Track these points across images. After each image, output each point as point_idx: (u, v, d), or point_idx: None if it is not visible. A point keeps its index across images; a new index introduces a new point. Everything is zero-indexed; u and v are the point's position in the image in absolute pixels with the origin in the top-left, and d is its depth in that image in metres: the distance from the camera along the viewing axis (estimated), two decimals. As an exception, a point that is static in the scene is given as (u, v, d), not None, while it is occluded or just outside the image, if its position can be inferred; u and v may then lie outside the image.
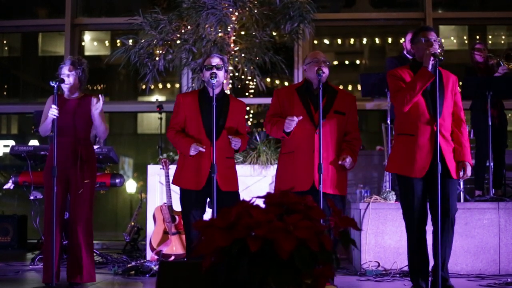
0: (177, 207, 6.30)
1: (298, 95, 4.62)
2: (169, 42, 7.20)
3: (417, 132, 4.31)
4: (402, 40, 6.85)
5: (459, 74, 4.61)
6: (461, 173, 4.37)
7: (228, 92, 6.86)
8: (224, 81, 4.91)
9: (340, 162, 4.48)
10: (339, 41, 10.12)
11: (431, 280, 4.35)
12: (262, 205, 2.04)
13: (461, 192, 6.60)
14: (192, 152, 4.64)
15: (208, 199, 4.72)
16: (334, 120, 4.55)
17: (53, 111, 4.68)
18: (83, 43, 9.83)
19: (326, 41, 9.92)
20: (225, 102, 4.80)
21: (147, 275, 5.50)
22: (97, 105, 4.80)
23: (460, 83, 4.56)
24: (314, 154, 4.45)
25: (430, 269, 4.45)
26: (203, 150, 4.62)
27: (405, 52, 6.64)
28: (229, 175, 4.76)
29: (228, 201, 4.61)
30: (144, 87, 7.40)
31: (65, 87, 4.90)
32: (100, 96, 4.81)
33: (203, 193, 4.68)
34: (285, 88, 5.04)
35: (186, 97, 4.91)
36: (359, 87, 6.94)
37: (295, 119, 4.41)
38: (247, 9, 7.09)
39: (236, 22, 7.11)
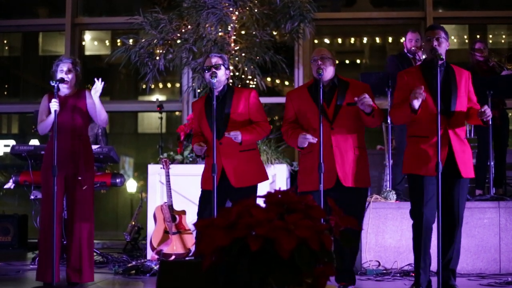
0: (177, 206, 6.32)
1: (309, 93, 4.60)
2: (169, 42, 7.19)
3: (429, 133, 4.30)
4: (402, 39, 6.85)
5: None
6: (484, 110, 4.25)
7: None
8: (227, 78, 4.91)
9: (356, 99, 4.33)
10: (340, 40, 10.12)
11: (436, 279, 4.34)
12: (263, 204, 2.04)
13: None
14: (198, 152, 4.74)
15: (228, 203, 4.76)
16: (349, 113, 4.48)
17: (54, 105, 4.68)
18: (83, 43, 9.83)
19: (327, 41, 9.92)
20: (228, 97, 4.79)
21: (147, 275, 5.50)
22: (97, 88, 4.78)
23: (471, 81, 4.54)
24: (333, 150, 4.44)
25: (434, 268, 4.45)
26: (205, 147, 4.66)
27: (405, 51, 6.64)
28: (244, 169, 4.70)
29: (242, 197, 4.59)
30: (144, 86, 7.40)
31: (63, 86, 4.90)
32: (97, 80, 4.80)
33: (219, 192, 4.64)
34: (297, 88, 5.02)
35: (197, 103, 5.01)
36: (359, 86, 6.92)
37: (309, 137, 4.39)
38: (247, 8, 7.08)
39: (236, 21, 7.11)
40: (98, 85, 4.78)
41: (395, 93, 4.53)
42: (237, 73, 7.34)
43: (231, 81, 7.16)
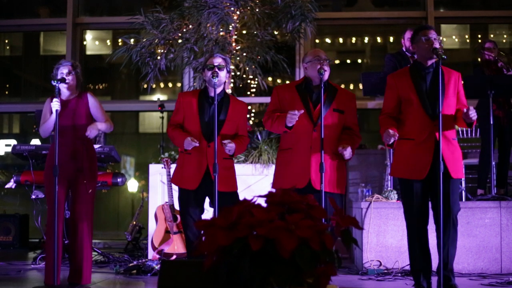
0: (178, 206, 6.32)
1: (297, 92, 4.61)
2: (170, 41, 7.19)
3: (416, 135, 4.32)
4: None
5: (462, 73, 4.59)
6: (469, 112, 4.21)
7: (229, 91, 6.84)
8: (226, 81, 4.90)
9: (340, 149, 4.44)
10: (341, 40, 10.12)
11: (436, 279, 4.34)
12: (264, 204, 2.04)
13: (463, 191, 6.59)
14: (186, 146, 4.62)
15: (208, 199, 4.73)
16: (333, 118, 4.53)
17: (55, 105, 4.68)
18: (84, 42, 9.83)
19: (328, 40, 9.92)
20: (225, 103, 4.78)
21: (148, 274, 5.50)
22: (92, 131, 4.83)
23: (462, 82, 4.53)
24: (311, 152, 4.46)
25: (433, 268, 4.45)
26: (197, 144, 4.59)
27: (403, 49, 6.64)
28: (226, 175, 4.72)
29: (224, 202, 4.60)
30: (145, 86, 7.40)
31: (64, 87, 4.89)
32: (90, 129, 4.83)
33: (200, 192, 4.68)
34: (285, 85, 5.04)
35: (187, 96, 4.90)
36: (360, 86, 6.93)
37: (297, 113, 4.39)
38: (248, 8, 7.08)
39: (237, 21, 7.11)
40: (93, 131, 4.83)
41: (385, 95, 4.55)
42: (238, 73, 7.35)
43: (232, 80, 7.19)
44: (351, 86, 9.67)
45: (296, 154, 4.52)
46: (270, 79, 9.09)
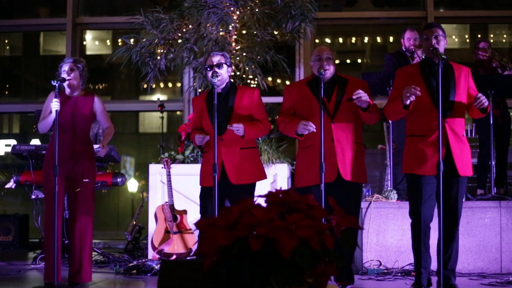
0: (178, 206, 6.32)
1: (309, 89, 4.61)
2: (170, 41, 7.19)
3: (427, 132, 4.32)
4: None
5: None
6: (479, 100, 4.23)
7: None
8: (229, 75, 4.91)
9: (354, 96, 4.35)
10: (341, 40, 10.12)
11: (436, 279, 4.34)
12: (264, 204, 2.04)
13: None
14: (198, 142, 4.73)
15: (226, 200, 4.76)
16: (348, 108, 4.51)
17: (55, 104, 4.69)
18: (84, 42, 9.84)
19: (328, 40, 9.91)
20: (231, 93, 4.81)
21: (148, 274, 5.50)
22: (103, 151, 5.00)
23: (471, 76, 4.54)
24: (334, 144, 4.45)
25: (433, 268, 4.46)
26: (207, 138, 4.67)
27: (403, 49, 6.65)
28: (244, 166, 4.72)
29: (239, 195, 4.60)
30: (145, 86, 7.40)
31: (65, 85, 4.91)
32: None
33: (219, 188, 4.67)
34: (296, 83, 5.04)
35: (197, 99, 5.01)
36: (360, 86, 6.91)
37: (311, 128, 4.40)
38: (248, 8, 7.08)
39: (237, 21, 7.10)
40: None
41: (392, 91, 4.57)
42: (238, 73, 7.34)
43: (231, 80, 7.18)
44: (351, 86, 9.66)
45: (319, 149, 4.44)
46: (270, 79, 9.09)
